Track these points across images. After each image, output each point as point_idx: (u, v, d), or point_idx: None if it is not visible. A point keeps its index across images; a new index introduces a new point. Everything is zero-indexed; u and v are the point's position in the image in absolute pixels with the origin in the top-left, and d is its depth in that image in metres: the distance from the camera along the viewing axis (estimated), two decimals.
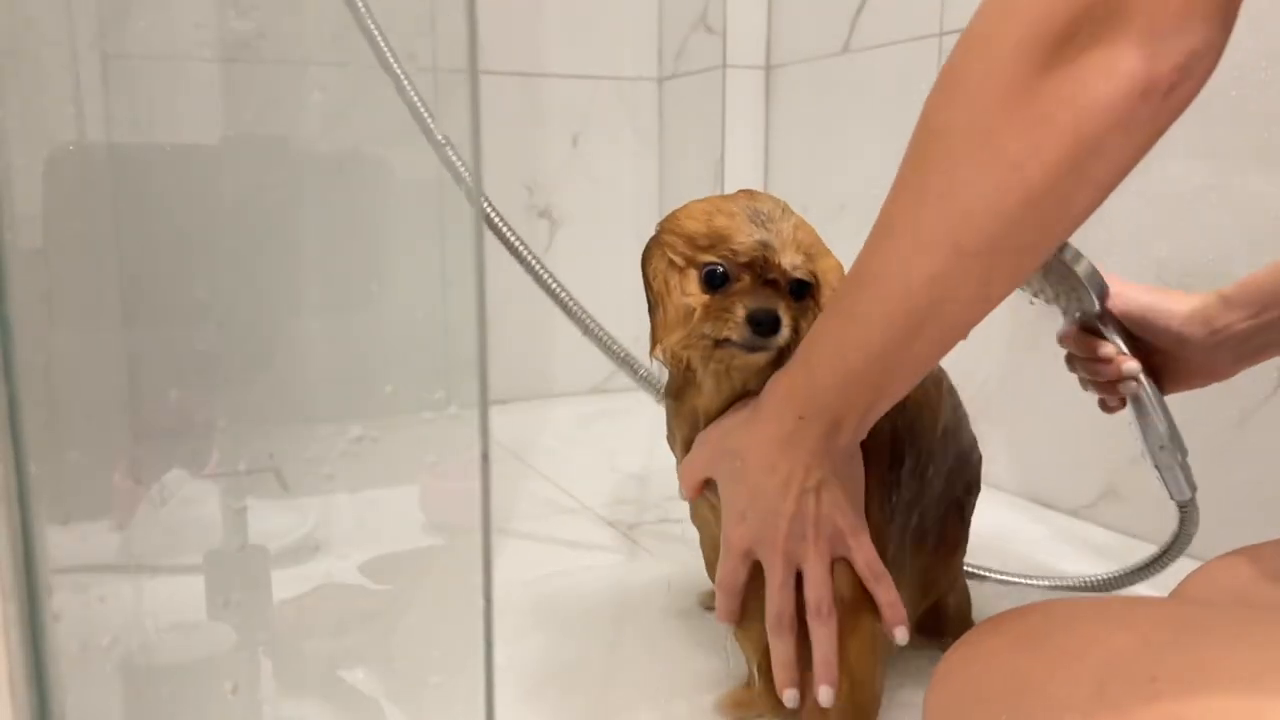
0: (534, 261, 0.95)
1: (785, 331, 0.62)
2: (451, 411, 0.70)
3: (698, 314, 0.64)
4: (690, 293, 0.65)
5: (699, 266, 0.64)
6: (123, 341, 0.67)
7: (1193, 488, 0.73)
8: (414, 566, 0.79)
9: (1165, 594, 0.69)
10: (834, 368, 0.57)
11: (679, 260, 0.65)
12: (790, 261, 0.64)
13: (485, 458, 0.63)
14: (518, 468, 1.30)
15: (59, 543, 0.55)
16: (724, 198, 0.67)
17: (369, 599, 0.75)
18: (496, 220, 0.92)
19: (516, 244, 0.93)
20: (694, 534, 0.78)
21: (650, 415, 0.93)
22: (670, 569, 0.99)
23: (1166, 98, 0.43)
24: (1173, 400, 0.73)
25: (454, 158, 0.71)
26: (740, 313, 0.62)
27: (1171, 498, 0.74)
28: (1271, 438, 0.92)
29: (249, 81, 0.68)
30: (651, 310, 0.69)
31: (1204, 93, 0.44)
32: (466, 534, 0.66)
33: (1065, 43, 0.43)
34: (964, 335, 0.53)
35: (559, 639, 0.87)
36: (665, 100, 1.72)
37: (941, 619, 0.76)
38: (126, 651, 0.64)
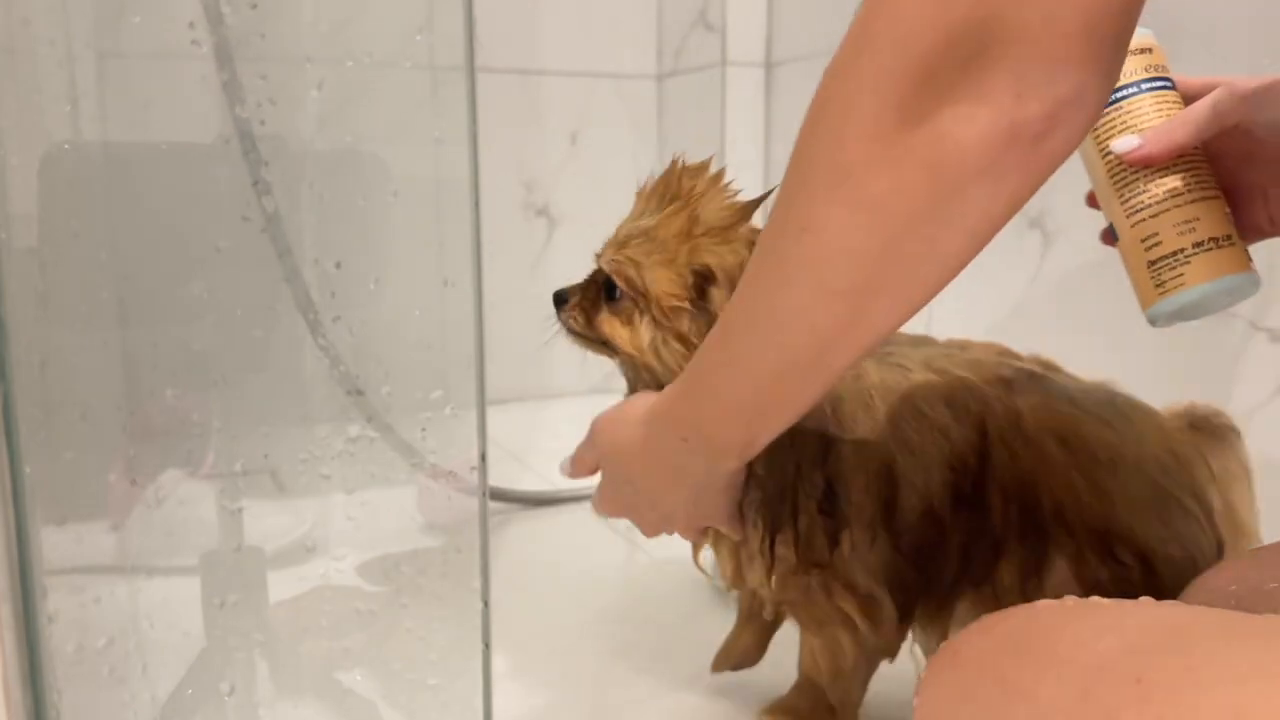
0: None
1: (567, 318, 0.68)
2: (449, 412, 0.70)
3: None
4: None
5: None
6: (118, 341, 0.66)
7: None
8: (411, 568, 0.78)
9: None
10: (716, 398, 0.54)
11: None
12: (604, 261, 0.67)
13: (483, 458, 0.63)
14: (516, 468, 1.30)
15: (54, 544, 0.55)
16: (649, 197, 0.69)
17: (366, 600, 0.75)
18: None
19: None
20: None
21: None
22: (670, 568, 0.98)
23: (1035, 147, 0.40)
24: (1173, 399, 0.72)
25: None
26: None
27: None
28: (1272, 439, 0.92)
29: (245, 80, 0.68)
30: None
31: None
32: (464, 535, 0.66)
33: (927, 79, 0.40)
34: (843, 368, 0.50)
35: (557, 639, 0.87)
36: (665, 98, 1.71)
37: None
38: (122, 652, 0.64)
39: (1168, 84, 0.60)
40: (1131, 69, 0.59)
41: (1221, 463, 0.69)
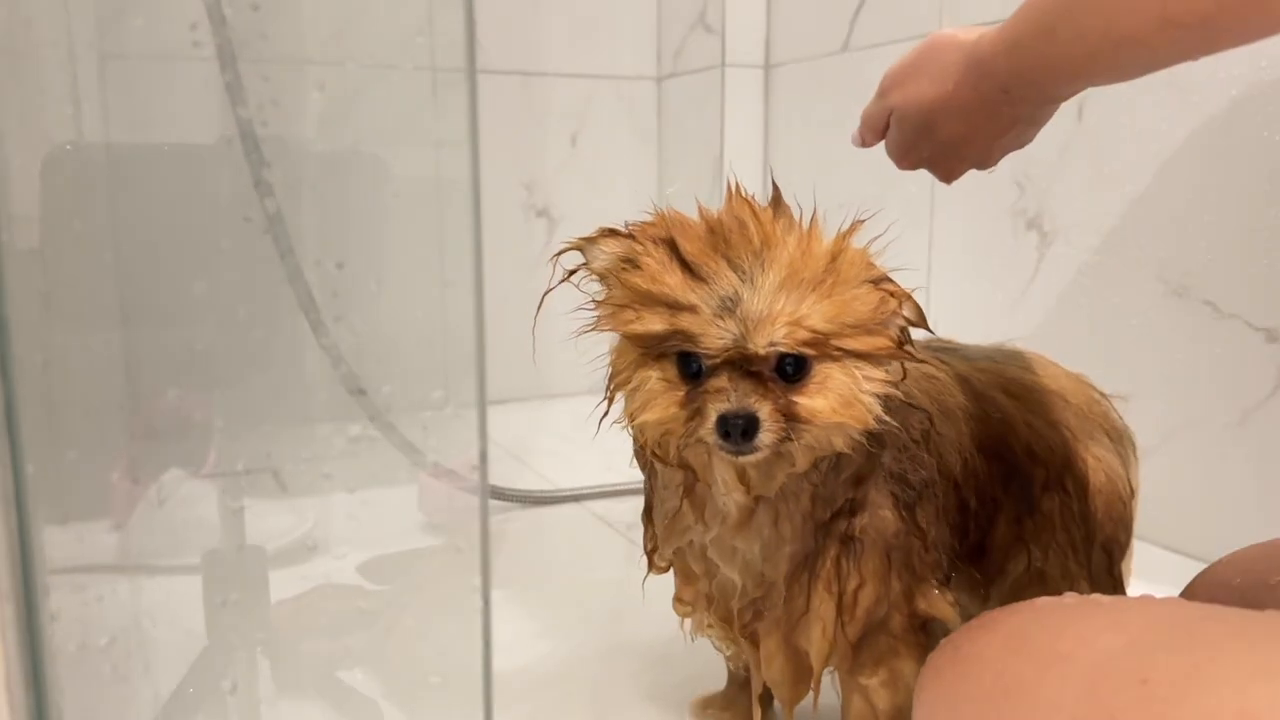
0: None
1: (767, 436, 0.52)
2: (450, 411, 0.70)
3: (675, 409, 0.55)
4: (669, 377, 0.56)
5: (672, 353, 0.55)
6: (120, 341, 0.67)
7: None
8: (412, 567, 0.79)
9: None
10: (1047, 60, 0.56)
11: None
12: (767, 340, 0.52)
13: (483, 458, 0.63)
14: (516, 468, 1.30)
15: (56, 543, 0.55)
16: (693, 258, 0.54)
17: (367, 599, 0.75)
18: None
19: None
20: None
21: None
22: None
23: None
24: (1171, 399, 0.73)
25: None
26: (711, 416, 0.53)
27: None
28: (1272, 436, 0.92)
29: (247, 81, 0.68)
30: (615, 370, 0.60)
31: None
32: (465, 534, 0.66)
33: None
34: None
35: (557, 639, 0.87)
36: (664, 99, 1.71)
37: None
38: (124, 651, 0.64)
39: None
40: None
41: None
